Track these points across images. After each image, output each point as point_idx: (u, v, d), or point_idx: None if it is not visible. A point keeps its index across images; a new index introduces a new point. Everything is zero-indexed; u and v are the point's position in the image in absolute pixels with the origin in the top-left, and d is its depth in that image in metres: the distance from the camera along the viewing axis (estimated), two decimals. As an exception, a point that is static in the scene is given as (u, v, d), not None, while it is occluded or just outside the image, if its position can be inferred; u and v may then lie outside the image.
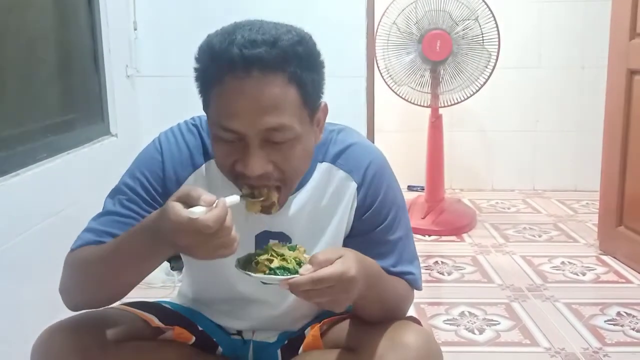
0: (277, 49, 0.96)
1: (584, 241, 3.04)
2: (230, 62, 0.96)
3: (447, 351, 1.86)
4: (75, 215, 2.04)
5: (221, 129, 0.99)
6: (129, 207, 1.11)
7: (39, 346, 1.07)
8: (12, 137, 1.80)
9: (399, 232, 1.18)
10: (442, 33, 3.08)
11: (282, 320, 1.25)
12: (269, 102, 0.96)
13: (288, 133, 0.99)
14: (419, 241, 3.06)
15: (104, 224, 1.11)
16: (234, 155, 1.01)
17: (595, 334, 2.06)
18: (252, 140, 0.98)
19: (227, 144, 1.01)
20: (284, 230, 1.15)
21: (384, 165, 1.19)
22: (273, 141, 0.99)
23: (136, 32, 2.65)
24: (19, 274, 1.69)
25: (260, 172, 0.99)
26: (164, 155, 1.14)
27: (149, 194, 1.12)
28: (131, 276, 1.06)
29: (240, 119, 0.97)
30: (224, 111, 0.98)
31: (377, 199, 1.15)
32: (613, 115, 2.73)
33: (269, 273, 0.98)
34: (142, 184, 1.12)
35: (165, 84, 2.69)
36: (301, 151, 1.03)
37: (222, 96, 0.98)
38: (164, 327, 1.19)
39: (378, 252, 1.15)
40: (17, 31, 1.89)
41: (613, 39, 2.71)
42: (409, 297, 1.21)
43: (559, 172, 4.04)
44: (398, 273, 1.17)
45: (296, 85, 0.99)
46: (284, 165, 1.02)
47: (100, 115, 2.43)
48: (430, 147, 3.37)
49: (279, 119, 0.97)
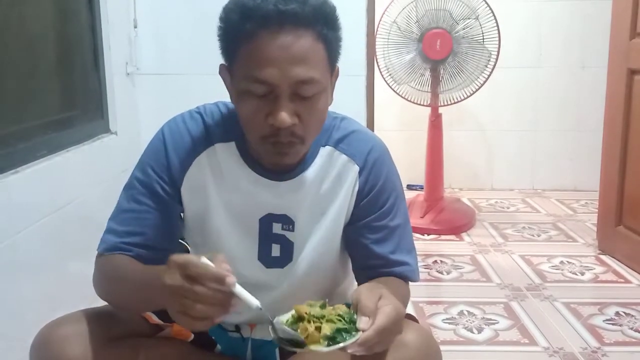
0: (308, 7, 1.00)
1: (583, 241, 3.04)
2: (265, 17, 0.98)
3: (446, 350, 1.85)
4: (75, 213, 2.04)
5: (253, 81, 1.01)
6: (143, 202, 1.13)
7: (41, 337, 1.07)
8: (11, 134, 1.80)
9: (398, 219, 1.20)
10: (443, 32, 3.08)
11: (282, 306, 1.25)
12: (301, 54, 1.00)
13: (316, 87, 1.03)
14: (418, 240, 3.06)
15: (122, 223, 1.14)
16: (263, 110, 1.02)
17: (593, 333, 2.07)
18: (283, 91, 1.00)
19: (256, 98, 1.02)
20: (287, 213, 1.16)
21: (385, 152, 1.22)
22: (301, 95, 1.02)
23: (136, 30, 2.65)
24: (18, 271, 1.69)
25: (289, 123, 1.01)
26: (167, 144, 1.15)
27: (158, 185, 1.14)
28: (146, 309, 1.14)
29: (273, 70, 0.99)
30: (257, 63, 1.00)
31: (377, 183, 1.18)
32: (613, 114, 2.74)
33: (328, 341, 0.92)
34: (150, 176, 1.14)
35: (165, 81, 2.69)
36: (323, 107, 1.07)
37: (255, 49, 1.00)
38: (162, 324, 1.20)
39: (377, 237, 1.17)
40: (17, 28, 1.89)
41: (613, 38, 2.72)
42: (408, 297, 1.22)
43: (559, 171, 4.04)
44: (396, 262, 1.18)
45: (323, 42, 1.03)
46: (308, 120, 1.04)
47: (100, 112, 2.43)
48: (429, 146, 3.37)
49: (309, 72, 1.01)
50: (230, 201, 1.15)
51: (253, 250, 1.18)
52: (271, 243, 1.18)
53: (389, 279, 1.17)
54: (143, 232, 1.13)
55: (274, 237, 1.18)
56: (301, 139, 1.05)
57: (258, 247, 1.18)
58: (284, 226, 1.17)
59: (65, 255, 2.00)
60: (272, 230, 1.17)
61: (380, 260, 1.18)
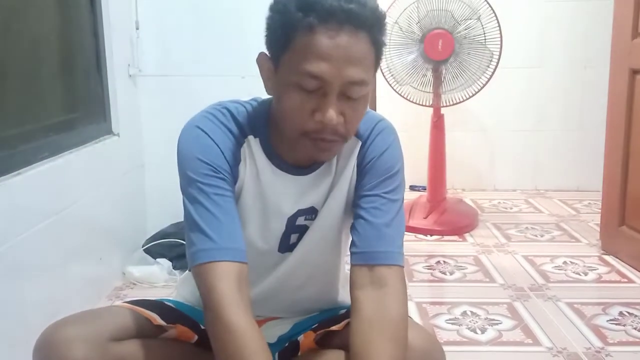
0: (368, 10, 1.01)
1: (586, 241, 3.03)
2: (329, 12, 0.98)
3: (449, 351, 1.85)
4: (77, 215, 2.04)
5: (306, 75, 1.00)
6: (221, 201, 1.08)
7: (44, 338, 1.07)
8: (13, 136, 1.80)
9: (397, 194, 1.19)
10: (444, 32, 3.08)
11: (284, 284, 1.26)
12: (357, 55, 1.00)
13: (364, 89, 1.04)
14: (421, 241, 3.06)
15: (213, 229, 1.07)
16: (310, 105, 1.02)
17: (597, 333, 2.06)
18: (333, 89, 1.01)
19: (304, 93, 1.02)
20: (313, 205, 1.19)
21: (392, 129, 1.22)
22: (349, 95, 1.03)
23: (138, 32, 2.65)
24: (20, 274, 1.69)
25: (336, 121, 1.02)
26: (214, 138, 1.11)
27: (223, 178, 1.10)
28: None
29: (329, 67, 0.99)
30: (314, 57, 0.99)
31: (378, 153, 1.18)
32: (615, 114, 2.73)
33: None
34: (212, 170, 1.09)
35: (167, 83, 2.70)
36: (364, 109, 1.09)
37: (312, 44, 0.99)
38: (166, 325, 1.20)
39: (373, 206, 1.16)
40: (19, 31, 1.89)
41: (615, 38, 2.71)
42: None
43: (561, 171, 4.03)
44: (387, 236, 1.14)
45: (375, 47, 1.04)
46: (351, 120, 1.05)
47: (102, 114, 2.43)
48: (432, 147, 3.37)
49: (362, 74, 1.02)
50: (260, 194, 1.17)
51: (274, 243, 1.21)
52: (291, 234, 1.21)
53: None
54: (236, 232, 1.09)
55: (296, 229, 1.21)
56: (343, 137, 1.07)
57: (280, 240, 1.21)
58: (307, 217, 1.20)
59: (68, 257, 2.00)
60: (296, 223, 1.20)
61: (374, 231, 1.15)
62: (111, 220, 2.37)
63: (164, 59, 2.70)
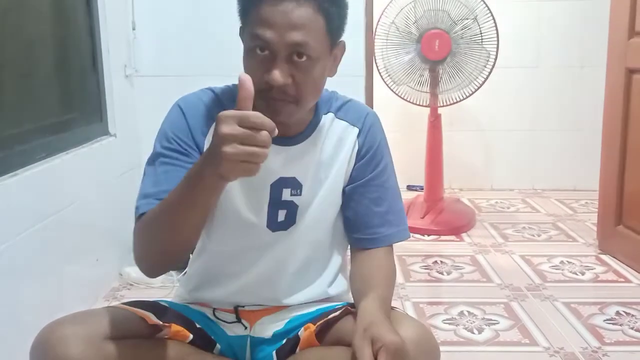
0: None
1: (583, 240, 3.04)
2: None
3: (446, 351, 1.86)
4: (74, 215, 2.04)
5: (255, 39, 1.12)
6: (173, 163, 1.18)
7: (41, 337, 1.08)
8: (10, 137, 1.80)
9: (391, 181, 1.32)
10: (441, 32, 3.08)
11: (282, 264, 1.29)
12: (298, 20, 1.10)
13: (310, 51, 1.12)
14: (418, 241, 3.06)
15: (155, 184, 1.17)
16: (261, 68, 1.12)
17: (594, 333, 2.06)
18: (280, 52, 1.11)
19: (257, 57, 1.13)
20: (296, 176, 1.25)
21: (378, 120, 1.34)
22: (296, 59, 1.12)
23: (135, 32, 2.65)
24: (18, 274, 1.69)
25: (281, 81, 1.11)
26: (185, 113, 1.22)
27: (184, 147, 1.20)
28: (192, 216, 1.09)
29: (272, 30, 1.10)
30: (260, 23, 1.11)
31: (374, 145, 1.30)
32: (612, 114, 2.74)
33: None
34: (175, 140, 1.20)
35: (163, 83, 2.69)
36: (317, 74, 1.16)
37: (258, 14, 1.12)
38: (161, 324, 1.19)
39: (372, 196, 1.28)
40: (15, 31, 1.89)
41: (612, 38, 2.71)
42: (395, 277, 1.31)
43: (558, 171, 4.04)
44: (391, 222, 1.29)
45: (323, 16, 1.13)
46: (301, 82, 1.13)
47: (99, 115, 2.43)
48: (429, 147, 3.37)
49: (305, 37, 1.11)
50: None
51: (262, 217, 1.24)
52: (278, 210, 1.25)
53: (377, 270, 1.25)
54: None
55: (282, 204, 1.25)
56: (294, 99, 1.14)
57: (267, 214, 1.24)
58: (292, 191, 1.25)
59: (65, 258, 1.99)
60: (281, 197, 1.24)
61: (377, 219, 1.28)
62: (108, 221, 2.37)
63: (161, 59, 2.70)
